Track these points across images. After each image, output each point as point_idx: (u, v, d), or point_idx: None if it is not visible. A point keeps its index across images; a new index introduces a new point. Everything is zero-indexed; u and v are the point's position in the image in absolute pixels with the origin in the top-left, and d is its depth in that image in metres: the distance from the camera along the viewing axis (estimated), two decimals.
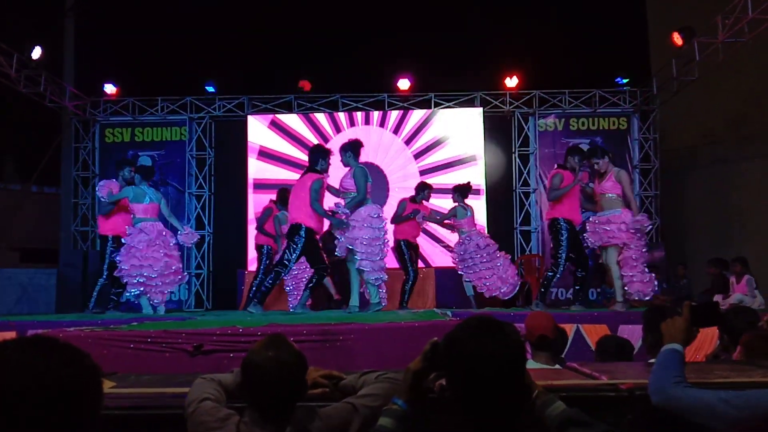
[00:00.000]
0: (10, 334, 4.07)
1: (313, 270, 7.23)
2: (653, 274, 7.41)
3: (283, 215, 8.64)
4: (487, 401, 1.63)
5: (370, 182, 7.17)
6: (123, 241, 7.74)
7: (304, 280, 8.13)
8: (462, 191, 8.74)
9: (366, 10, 12.54)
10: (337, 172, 7.42)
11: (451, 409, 1.71)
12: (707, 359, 4.56)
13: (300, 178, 7.23)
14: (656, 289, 7.44)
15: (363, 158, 7.46)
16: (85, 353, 1.20)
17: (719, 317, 2.25)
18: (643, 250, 7.28)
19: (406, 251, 8.36)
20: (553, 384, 2.14)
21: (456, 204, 8.68)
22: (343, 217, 6.91)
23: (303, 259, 7.19)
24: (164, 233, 7.92)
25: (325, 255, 7.34)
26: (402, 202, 8.69)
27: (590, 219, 7.43)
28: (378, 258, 7.04)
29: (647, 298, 7.20)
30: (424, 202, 8.81)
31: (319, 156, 7.07)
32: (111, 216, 8.05)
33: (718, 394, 1.81)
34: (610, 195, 7.23)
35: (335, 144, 9.51)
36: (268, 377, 1.91)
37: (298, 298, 7.77)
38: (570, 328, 5.97)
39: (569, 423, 1.65)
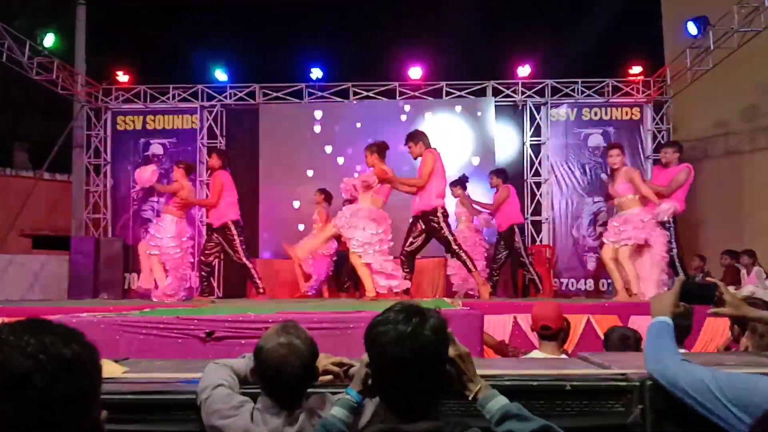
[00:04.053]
0: None
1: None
2: None
3: None
4: (398, 385, 1.64)
5: None
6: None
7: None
8: None
9: None
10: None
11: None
12: (718, 351, 4.55)
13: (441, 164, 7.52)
14: None
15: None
16: (79, 332, 1.20)
17: (712, 298, 2.23)
18: None
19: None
20: (563, 373, 2.14)
21: None
22: None
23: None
24: None
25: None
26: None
27: None
28: None
29: None
30: None
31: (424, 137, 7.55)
32: None
33: (714, 373, 1.77)
34: None
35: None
36: (278, 362, 1.93)
37: None
38: (581, 319, 5.97)
39: (508, 417, 1.65)
